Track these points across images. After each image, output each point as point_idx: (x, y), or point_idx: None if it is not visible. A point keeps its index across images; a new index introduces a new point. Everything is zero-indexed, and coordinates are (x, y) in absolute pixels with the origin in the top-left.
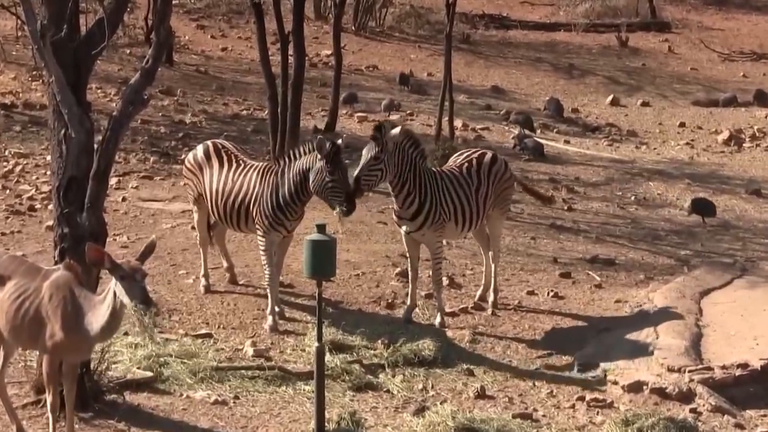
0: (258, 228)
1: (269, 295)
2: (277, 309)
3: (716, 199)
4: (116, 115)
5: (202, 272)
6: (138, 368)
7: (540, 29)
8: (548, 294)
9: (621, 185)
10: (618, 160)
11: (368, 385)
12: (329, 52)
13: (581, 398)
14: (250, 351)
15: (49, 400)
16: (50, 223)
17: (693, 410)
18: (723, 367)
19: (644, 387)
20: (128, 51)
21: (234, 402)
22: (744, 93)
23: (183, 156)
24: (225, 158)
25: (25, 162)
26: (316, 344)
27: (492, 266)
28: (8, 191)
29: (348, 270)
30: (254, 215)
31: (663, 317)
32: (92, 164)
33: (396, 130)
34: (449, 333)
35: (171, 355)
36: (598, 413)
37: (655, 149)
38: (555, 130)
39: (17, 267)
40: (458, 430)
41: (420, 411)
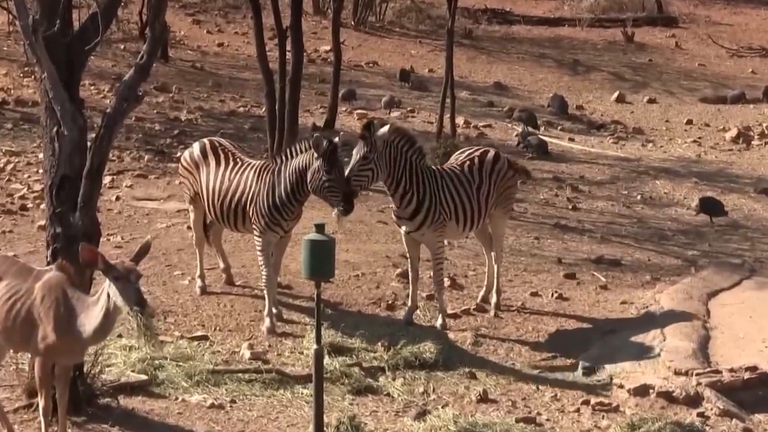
0: (255, 228)
1: (267, 297)
2: (275, 311)
3: (724, 198)
4: (110, 112)
5: (198, 273)
6: (132, 371)
7: (544, 24)
8: (552, 295)
9: (627, 184)
10: (624, 159)
11: (368, 389)
12: (328, 48)
13: (586, 402)
14: (247, 354)
15: (42, 404)
16: (42, 223)
17: (700, 414)
18: (731, 370)
19: (650, 390)
20: (122, 46)
21: (231, 406)
22: (753, 89)
23: (178, 154)
24: (222, 156)
25: (17, 160)
26: (315, 347)
27: (495, 267)
28: None
29: (347, 271)
30: (251, 215)
31: (670, 319)
32: (85, 162)
33: (384, 129)
34: (451, 335)
35: (166, 358)
36: (604, 417)
37: (662, 147)
38: (559, 128)
39: (8, 267)
40: None
41: (421, 415)
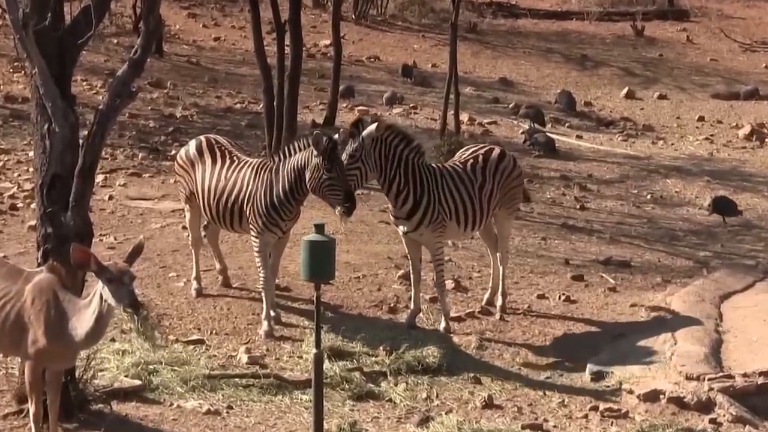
0: (252, 228)
1: (264, 299)
2: (273, 314)
3: (737, 198)
4: (103, 109)
5: (194, 275)
6: (126, 376)
7: (551, 18)
8: (560, 298)
9: (636, 183)
10: (633, 156)
11: (369, 394)
12: (328, 42)
13: (594, 408)
14: (245, 358)
15: (32, 410)
16: (33, 223)
17: (713, 421)
18: (744, 375)
19: (661, 396)
20: (115, 41)
21: (227, 412)
22: (766, 85)
23: (173, 152)
24: (218, 154)
25: (7, 158)
26: (314, 351)
27: (500, 268)
28: None
29: (348, 272)
30: (248, 215)
31: (681, 322)
32: (77, 160)
33: (372, 127)
34: (455, 339)
35: (161, 363)
36: (613, 424)
37: (673, 145)
38: (567, 125)
39: None
40: None
41: (424, 421)
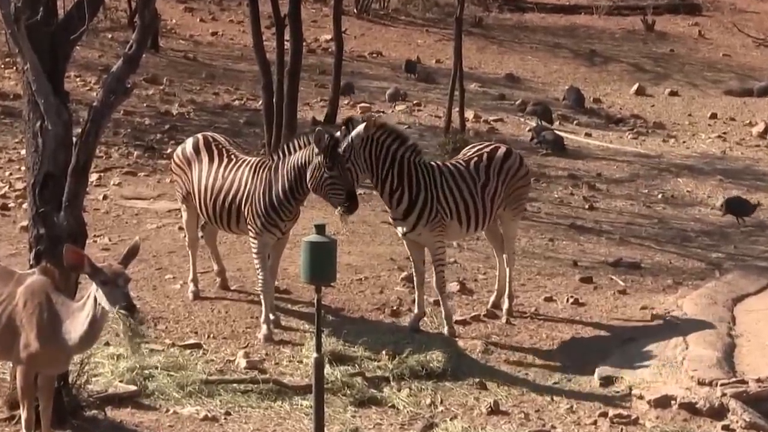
0: (250, 229)
1: (263, 302)
2: (272, 317)
3: (751, 197)
4: (97, 106)
5: (191, 277)
6: (120, 381)
7: (559, 12)
8: (567, 300)
9: (647, 182)
10: (644, 155)
11: (371, 400)
12: (329, 37)
13: (604, 414)
14: (243, 363)
15: (24, 416)
16: (25, 224)
17: (725, 427)
18: (758, 380)
19: (672, 402)
20: (110, 36)
21: (225, 418)
22: None
23: (169, 150)
24: (215, 153)
25: None
26: (315, 355)
27: (507, 270)
28: None
29: (349, 274)
30: (246, 215)
31: (693, 326)
32: (70, 159)
33: (360, 126)
34: (460, 343)
35: (157, 368)
36: (622, 430)
37: (684, 143)
38: (575, 122)
39: None
40: None
41: (428, 428)
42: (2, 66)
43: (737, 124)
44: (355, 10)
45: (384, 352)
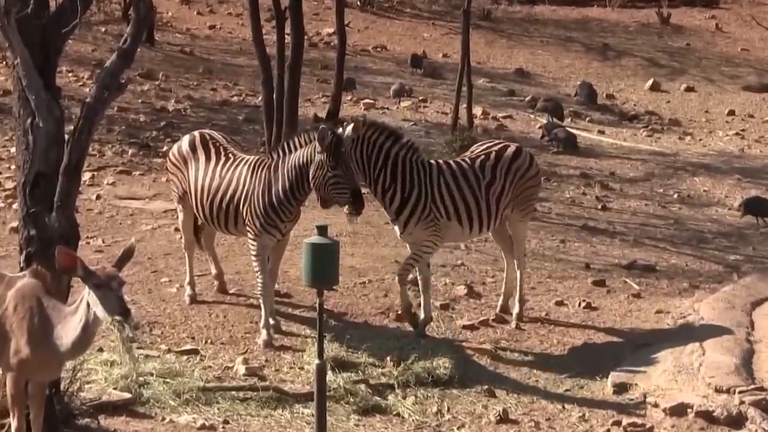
0: (249, 230)
1: (263, 306)
2: (272, 322)
3: None
4: (90, 102)
5: (188, 280)
6: (114, 389)
7: (570, 4)
8: (579, 304)
9: (662, 181)
10: (659, 153)
11: (376, 408)
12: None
13: (617, 423)
14: (242, 369)
15: (14, 425)
16: (15, 225)
17: None
18: None
19: (689, 410)
20: (103, 29)
21: (223, 427)
22: None
23: (165, 148)
24: (213, 151)
25: None
26: (317, 361)
27: (516, 273)
28: None
29: (352, 277)
30: (245, 215)
31: (709, 331)
32: (62, 157)
33: (349, 128)
34: (467, 349)
35: (152, 374)
36: None
37: (701, 140)
38: (587, 119)
39: None
40: None
41: None
42: None
43: (756, 121)
44: (359, 3)
45: (388, 359)
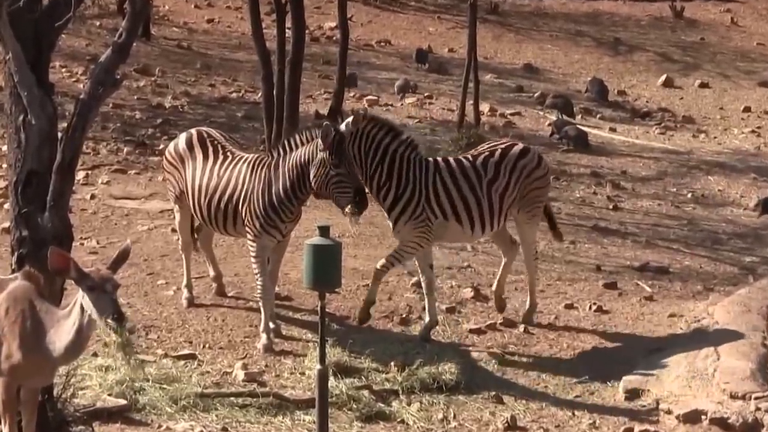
0: (248, 231)
1: (263, 310)
2: (272, 325)
3: None
4: (84, 99)
5: (185, 282)
6: (109, 395)
7: None
8: (590, 308)
9: (675, 180)
10: (672, 151)
11: (379, 415)
12: (333, 24)
13: (629, 430)
14: (241, 375)
15: None
16: (6, 225)
17: None
18: None
19: (703, 417)
20: (98, 23)
21: None
22: None
23: (161, 146)
24: (210, 149)
25: None
26: (318, 367)
27: (528, 276)
28: None
29: (356, 280)
30: (244, 216)
31: (724, 335)
32: (55, 156)
33: (348, 120)
34: (474, 354)
35: (148, 380)
36: None
37: (716, 138)
38: (598, 116)
39: None
40: None
41: None
42: None
43: None
44: None
45: (392, 364)
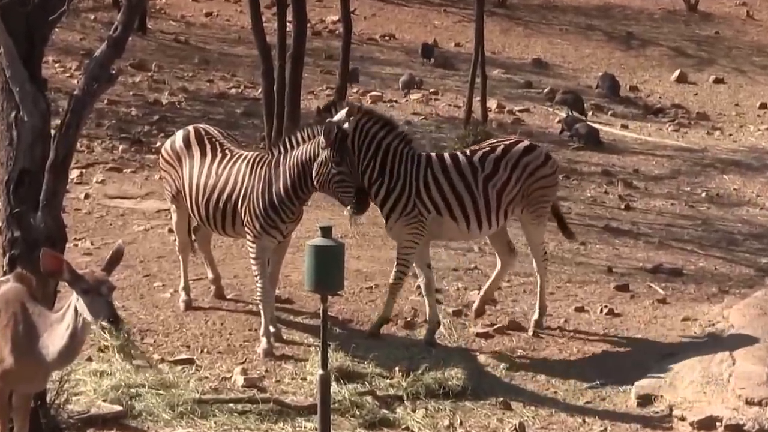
0: (248, 231)
1: (263, 313)
2: (273, 329)
3: None
4: (78, 95)
5: (182, 285)
6: (104, 401)
7: None
8: (601, 311)
9: (689, 179)
10: (686, 149)
11: (383, 422)
12: (336, 18)
13: None
14: (240, 380)
15: None
16: None
17: None
18: None
19: (717, 423)
20: (92, 16)
21: None
22: None
23: (158, 144)
24: (208, 147)
25: None
26: (320, 372)
27: (539, 280)
28: None
29: (359, 282)
30: (243, 216)
31: (740, 339)
32: (49, 153)
33: (341, 113)
34: (481, 358)
35: (144, 385)
36: None
37: (731, 135)
38: (609, 113)
39: None
40: None
41: None
42: None
43: None
44: None
45: (397, 369)
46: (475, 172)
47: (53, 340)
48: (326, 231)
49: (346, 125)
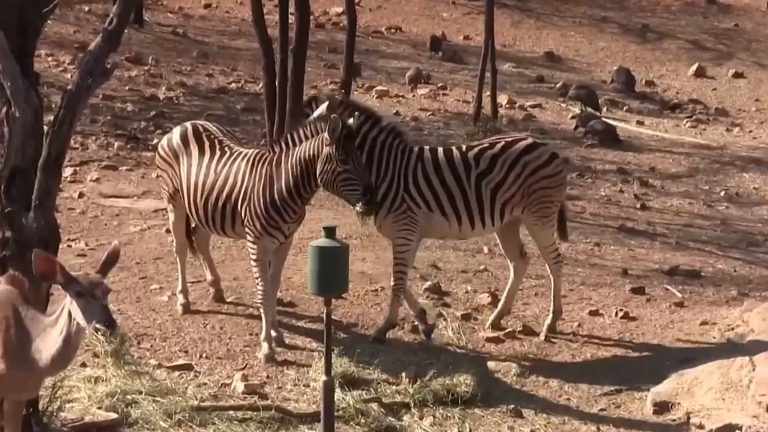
0: (248, 232)
1: (264, 317)
2: (274, 334)
3: None
4: (72, 90)
5: (180, 287)
6: (99, 408)
7: None
8: (616, 314)
9: (708, 177)
10: (704, 146)
11: (389, 430)
12: (340, 10)
13: None
14: (240, 386)
15: None
16: None
17: None
18: None
19: (737, 431)
20: (86, 9)
21: None
22: None
23: (155, 141)
24: (207, 144)
25: None
26: (324, 378)
27: (553, 283)
28: None
29: (363, 284)
30: (243, 216)
31: (760, 344)
32: (41, 151)
33: (323, 106)
34: (491, 364)
35: (140, 392)
36: None
37: (751, 132)
38: (625, 108)
39: None
40: None
41: None
42: None
43: None
44: None
45: (404, 375)
46: (469, 169)
47: (46, 345)
48: (330, 231)
49: (351, 121)
